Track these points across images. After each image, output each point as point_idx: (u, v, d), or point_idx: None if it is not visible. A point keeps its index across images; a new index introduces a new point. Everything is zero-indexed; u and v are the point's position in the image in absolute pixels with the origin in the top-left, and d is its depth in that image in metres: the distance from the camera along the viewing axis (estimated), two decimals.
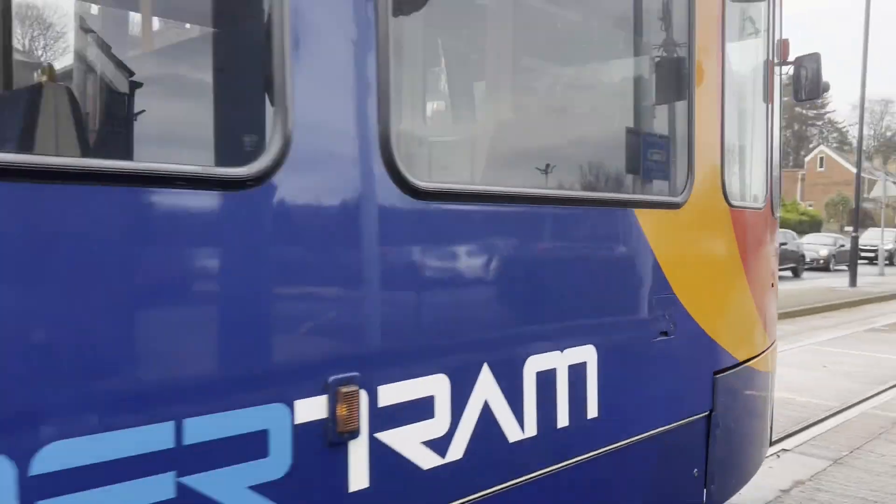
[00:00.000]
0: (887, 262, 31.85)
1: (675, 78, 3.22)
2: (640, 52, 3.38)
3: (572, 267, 2.72)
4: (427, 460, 2.17)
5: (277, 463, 1.82)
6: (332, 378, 1.93)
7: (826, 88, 4.45)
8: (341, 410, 1.93)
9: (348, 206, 1.99)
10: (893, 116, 78.57)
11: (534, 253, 2.55)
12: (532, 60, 3.44)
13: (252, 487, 1.77)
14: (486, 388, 2.34)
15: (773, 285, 4.18)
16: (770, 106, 4.16)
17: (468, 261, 2.33)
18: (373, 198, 2.03)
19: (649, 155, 3.21)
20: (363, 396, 1.99)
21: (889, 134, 75.97)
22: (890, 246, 34.29)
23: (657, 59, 3.27)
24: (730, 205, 3.47)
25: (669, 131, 3.26)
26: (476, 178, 2.77)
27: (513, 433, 2.43)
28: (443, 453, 2.22)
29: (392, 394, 2.08)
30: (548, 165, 2.95)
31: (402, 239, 2.13)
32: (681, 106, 3.22)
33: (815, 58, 4.20)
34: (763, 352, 3.92)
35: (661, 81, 3.27)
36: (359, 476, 2.00)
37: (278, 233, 1.85)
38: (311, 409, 1.89)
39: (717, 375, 3.40)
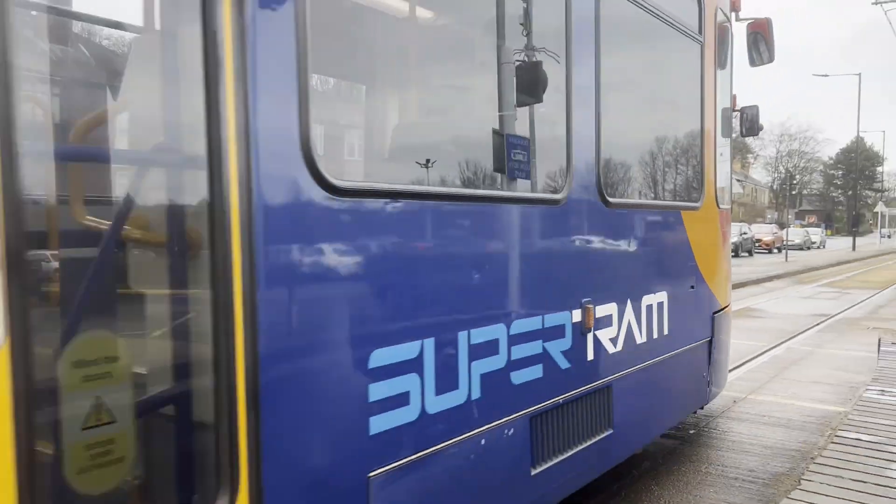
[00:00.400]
0: (733, 253, 36.15)
1: (698, 126, 5.11)
2: (689, 116, 5.24)
3: (662, 244, 4.54)
4: (611, 349, 3.92)
5: (566, 341, 3.51)
6: (583, 300, 3.63)
7: (761, 128, 6.53)
8: (586, 317, 3.64)
9: (582, 213, 3.69)
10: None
11: (649, 236, 4.35)
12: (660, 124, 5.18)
13: (561, 351, 3.46)
14: (629, 313, 4.11)
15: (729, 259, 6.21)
16: (729, 140, 6.18)
17: (629, 243, 4.10)
18: (591, 209, 3.75)
19: (689, 176, 5.09)
20: (591, 312, 3.70)
21: (734, 135, 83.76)
22: (735, 239, 38.66)
23: (696, 116, 5.15)
24: (718, 206, 5.42)
25: (696, 160, 5.14)
26: (636, 194, 4.53)
27: (638, 339, 4.21)
28: (616, 346, 3.97)
29: (600, 311, 3.80)
30: (661, 185, 4.77)
31: (602, 232, 3.85)
32: (698, 143, 5.11)
33: (754, 107, 6.26)
34: (729, 304, 5.94)
35: (693, 130, 5.15)
36: (590, 354, 3.72)
37: (566, 227, 3.53)
38: (577, 315, 3.59)
39: (714, 314, 5.35)
